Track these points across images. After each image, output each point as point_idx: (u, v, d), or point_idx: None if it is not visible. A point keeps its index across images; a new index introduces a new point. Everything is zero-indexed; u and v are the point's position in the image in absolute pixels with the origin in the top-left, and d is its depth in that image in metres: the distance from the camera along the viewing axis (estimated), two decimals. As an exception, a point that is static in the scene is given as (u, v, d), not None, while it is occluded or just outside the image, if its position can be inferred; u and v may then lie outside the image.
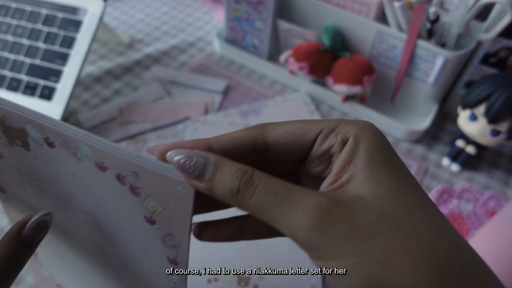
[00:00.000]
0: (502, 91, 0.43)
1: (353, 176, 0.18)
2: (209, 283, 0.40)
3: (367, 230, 0.16)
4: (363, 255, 0.15)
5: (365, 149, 0.18)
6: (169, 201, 0.19)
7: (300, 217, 0.16)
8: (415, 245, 0.15)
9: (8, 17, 0.52)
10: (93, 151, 0.20)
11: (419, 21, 0.48)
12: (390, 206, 0.16)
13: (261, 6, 0.58)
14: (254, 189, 0.17)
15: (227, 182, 0.17)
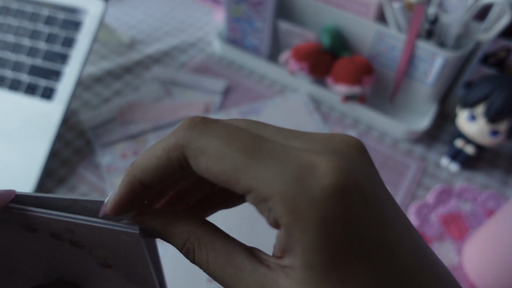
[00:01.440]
0: (501, 91, 0.43)
1: (291, 271, 0.14)
2: (209, 282, 0.40)
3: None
4: None
5: (302, 253, 0.14)
6: (118, 248, 0.18)
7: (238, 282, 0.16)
8: None
9: (10, 18, 0.52)
10: (15, 217, 0.18)
11: (418, 22, 0.48)
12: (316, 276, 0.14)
13: (261, 7, 0.58)
14: (200, 264, 0.17)
15: (178, 241, 0.17)
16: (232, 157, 0.14)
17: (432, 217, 0.47)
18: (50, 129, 0.48)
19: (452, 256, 0.43)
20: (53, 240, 0.19)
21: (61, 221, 0.18)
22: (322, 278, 0.13)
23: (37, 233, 0.19)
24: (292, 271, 0.14)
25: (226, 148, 0.15)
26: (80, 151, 0.52)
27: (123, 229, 0.17)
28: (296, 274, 0.14)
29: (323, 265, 0.13)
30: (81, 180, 0.49)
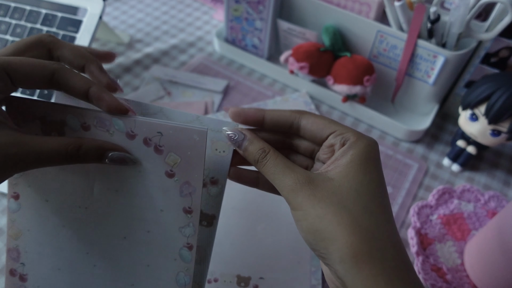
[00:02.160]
0: (502, 91, 0.43)
1: (335, 167, 0.25)
2: (209, 283, 0.40)
3: (320, 198, 0.24)
4: (312, 211, 0.24)
5: (352, 154, 0.25)
6: (186, 150, 0.26)
7: (285, 183, 0.25)
8: (349, 219, 0.23)
9: (7, 17, 0.52)
10: (125, 123, 0.26)
11: (420, 21, 0.48)
12: (344, 190, 0.24)
13: (261, 6, 0.58)
14: (266, 162, 0.26)
15: (252, 154, 0.27)
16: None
17: (433, 218, 0.46)
18: (48, 129, 0.47)
19: (453, 257, 0.43)
20: (143, 147, 0.26)
21: (156, 125, 0.26)
22: (354, 169, 0.25)
23: (134, 140, 0.26)
24: (337, 167, 0.25)
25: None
26: (79, 152, 0.52)
27: (197, 129, 0.26)
28: (341, 165, 0.25)
29: (360, 161, 0.25)
30: (80, 180, 0.49)
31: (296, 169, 0.26)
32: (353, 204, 0.24)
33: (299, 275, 0.41)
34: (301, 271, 0.41)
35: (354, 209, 0.23)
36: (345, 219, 0.23)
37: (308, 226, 0.24)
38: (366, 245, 0.22)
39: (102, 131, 0.26)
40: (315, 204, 0.24)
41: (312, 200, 0.24)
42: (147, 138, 0.26)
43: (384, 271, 0.22)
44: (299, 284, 0.40)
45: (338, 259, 0.22)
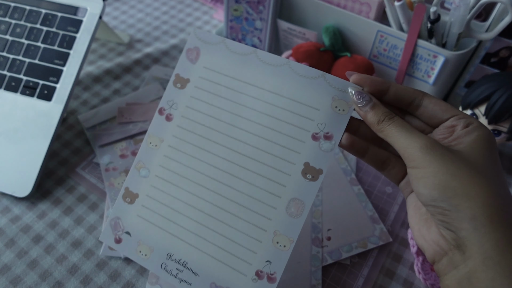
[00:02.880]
0: (503, 91, 0.43)
1: (459, 143, 0.27)
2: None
3: (453, 159, 0.25)
4: (444, 169, 0.24)
5: (477, 135, 0.26)
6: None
7: (414, 140, 0.26)
8: (484, 182, 0.24)
9: (7, 17, 0.52)
10: None
11: (420, 21, 0.48)
12: (475, 160, 0.25)
13: (261, 6, 0.58)
14: (391, 122, 0.27)
15: (377, 114, 0.28)
16: None
17: (433, 218, 0.46)
18: (48, 129, 0.47)
19: (454, 257, 0.43)
20: None
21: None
22: (479, 146, 0.26)
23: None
24: (463, 142, 0.27)
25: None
26: (78, 151, 0.52)
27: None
28: (467, 141, 0.26)
29: (483, 143, 0.27)
30: (80, 180, 0.49)
31: (423, 134, 0.27)
32: (485, 171, 0.25)
33: (299, 275, 0.41)
34: (301, 271, 0.41)
35: (487, 175, 0.24)
36: (482, 180, 0.24)
37: (437, 183, 0.24)
38: (501, 209, 0.23)
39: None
40: (448, 163, 0.24)
41: (445, 159, 0.25)
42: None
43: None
44: (299, 284, 0.40)
45: (470, 216, 0.23)
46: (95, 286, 0.41)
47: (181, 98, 0.37)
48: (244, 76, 0.35)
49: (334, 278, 0.41)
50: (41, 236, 0.44)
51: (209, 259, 0.34)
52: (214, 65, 0.36)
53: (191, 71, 0.37)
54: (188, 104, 0.37)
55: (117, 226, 0.37)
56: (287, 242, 0.33)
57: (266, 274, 0.33)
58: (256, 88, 0.35)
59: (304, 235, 0.44)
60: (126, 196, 0.37)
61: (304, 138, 0.32)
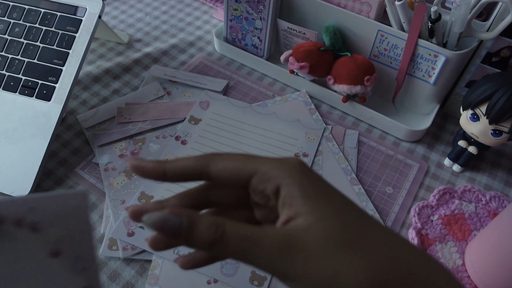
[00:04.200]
0: (504, 91, 0.43)
1: (298, 214, 0.20)
2: (208, 284, 0.40)
3: (319, 255, 0.19)
4: (316, 277, 0.18)
5: (299, 189, 0.21)
6: (67, 219, 0.21)
7: (268, 255, 0.19)
8: (362, 261, 0.19)
9: (5, 16, 0.52)
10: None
11: (421, 20, 0.47)
12: (335, 230, 0.19)
13: (261, 5, 0.58)
14: (229, 240, 0.19)
15: (203, 237, 0.19)
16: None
17: (434, 218, 0.46)
18: (47, 129, 0.47)
19: (454, 258, 0.43)
20: (13, 230, 0.21)
21: (26, 200, 0.21)
22: (318, 201, 0.20)
23: (3, 225, 0.21)
24: (299, 212, 0.20)
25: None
26: (78, 151, 0.52)
27: (73, 193, 0.21)
28: (302, 206, 0.20)
29: (313, 189, 0.21)
30: (79, 180, 0.49)
31: (268, 231, 0.20)
32: (357, 240, 0.19)
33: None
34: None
35: (365, 249, 0.19)
36: (361, 263, 0.19)
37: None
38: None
39: None
40: (321, 263, 0.19)
41: (314, 261, 0.19)
42: (19, 218, 0.21)
43: None
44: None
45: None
46: (94, 286, 0.40)
47: (194, 130, 0.52)
48: (243, 118, 0.54)
49: (335, 278, 0.41)
50: (40, 237, 0.44)
51: None
52: (220, 111, 0.54)
53: (202, 114, 0.54)
54: (200, 134, 0.52)
55: (131, 222, 0.43)
56: None
57: None
58: (252, 126, 0.53)
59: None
60: (142, 198, 0.46)
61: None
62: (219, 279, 0.40)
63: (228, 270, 0.40)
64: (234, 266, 0.41)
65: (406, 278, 0.19)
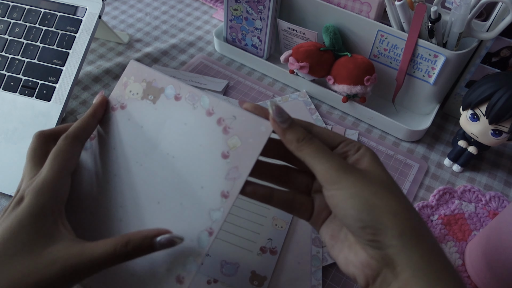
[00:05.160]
0: (503, 91, 0.43)
1: (360, 165, 0.28)
2: (208, 284, 0.40)
3: (371, 179, 0.26)
4: (367, 189, 0.25)
5: (370, 156, 0.28)
6: (249, 137, 0.28)
7: (333, 162, 0.26)
8: (401, 199, 0.25)
9: (6, 16, 0.52)
10: (210, 101, 0.30)
11: (421, 20, 0.47)
12: (385, 179, 0.26)
13: (261, 5, 0.58)
14: (311, 143, 0.27)
15: (297, 133, 0.27)
16: None
17: (434, 218, 0.46)
18: (47, 129, 0.47)
19: (454, 258, 0.43)
20: (215, 125, 0.30)
21: (234, 109, 0.29)
22: (376, 164, 0.28)
23: (211, 117, 0.30)
24: (362, 164, 0.28)
25: None
26: (78, 152, 0.52)
27: (266, 121, 0.28)
28: (365, 162, 0.28)
29: (376, 160, 0.28)
30: (79, 180, 0.49)
31: (337, 156, 0.27)
32: (396, 189, 0.26)
33: (299, 276, 0.41)
34: (301, 271, 0.41)
35: (398, 192, 0.26)
36: (398, 198, 0.25)
37: (363, 202, 0.25)
38: (418, 221, 0.25)
39: (188, 103, 0.31)
40: (369, 183, 0.25)
41: (365, 180, 0.25)
42: (221, 119, 0.29)
43: (434, 244, 0.24)
44: (299, 284, 0.40)
45: (399, 232, 0.24)
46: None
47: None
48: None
49: (335, 278, 0.41)
50: (40, 237, 0.44)
51: (219, 242, 0.42)
52: None
53: None
54: None
55: None
56: (284, 224, 0.44)
57: (269, 248, 0.42)
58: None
59: (304, 235, 0.43)
60: None
61: None
62: (219, 279, 0.40)
63: (228, 270, 0.41)
64: (234, 266, 0.41)
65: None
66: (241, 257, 0.41)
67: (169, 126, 0.32)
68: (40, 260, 0.25)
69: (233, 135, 0.29)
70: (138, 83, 0.34)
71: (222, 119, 0.29)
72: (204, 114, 0.30)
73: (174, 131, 0.31)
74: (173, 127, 0.31)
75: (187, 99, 0.31)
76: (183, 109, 0.31)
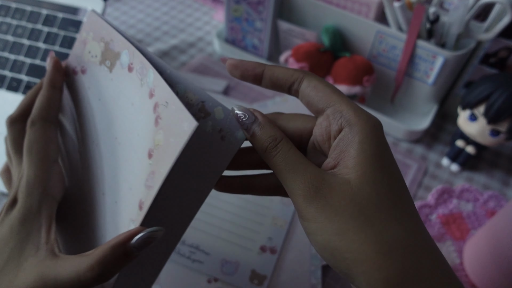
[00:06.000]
0: (501, 91, 0.43)
1: (345, 162, 0.21)
2: (209, 283, 0.40)
3: (338, 209, 0.20)
4: (329, 227, 0.20)
5: (360, 141, 0.21)
6: (171, 135, 0.22)
7: (297, 186, 0.21)
8: (374, 236, 0.19)
9: (8, 17, 0.52)
10: (154, 78, 0.23)
11: (419, 21, 0.48)
12: (364, 195, 0.20)
13: (261, 6, 0.58)
14: (275, 153, 0.23)
15: (261, 140, 0.23)
16: None
17: (433, 217, 0.46)
18: (49, 129, 0.48)
19: (452, 257, 0.43)
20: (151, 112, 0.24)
21: (168, 94, 0.22)
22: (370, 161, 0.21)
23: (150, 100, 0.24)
24: (348, 161, 0.21)
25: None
26: (79, 151, 0.52)
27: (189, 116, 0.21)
28: (352, 158, 0.21)
29: (373, 150, 0.21)
30: (80, 180, 0.49)
31: (309, 168, 0.22)
32: (377, 212, 0.20)
33: (299, 274, 0.41)
34: (301, 270, 0.41)
35: (378, 220, 0.20)
36: (370, 235, 0.19)
37: (324, 243, 0.20)
38: (398, 265, 0.19)
39: (137, 78, 0.25)
40: (332, 217, 0.20)
41: (328, 212, 0.20)
42: (157, 104, 0.23)
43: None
44: (299, 283, 0.40)
45: (365, 283, 0.19)
46: (96, 285, 0.41)
47: None
48: None
49: (334, 277, 0.42)
50: (42, 236, 0.44)
51: (220, 241, 0.42)
52: None
53: None
54: None
55: None
56: (283, 223, 0.44)
57: (269, 247, 0.42)
58: None
59: (304, 234, 0.44)
60: None
61: None
62: (219, 277, 0.40)
63: (228, 269, 0.41)
64: (234, 265, 0.41)
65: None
66: (241, 256, 0.42)
67: (121, 104, 0.27)
68: (20, 274, 0.23)
69: (160, 129, 0.22)
70: (97, 42, 0.29)
71: (157, 104, 0.23)
72: (146, 94, 0.24)
73: (124, 111, 0.26)
74: (124, 106, 0.26)
75: (137, 72, 0.25)
76: (133, 84, 0.26)
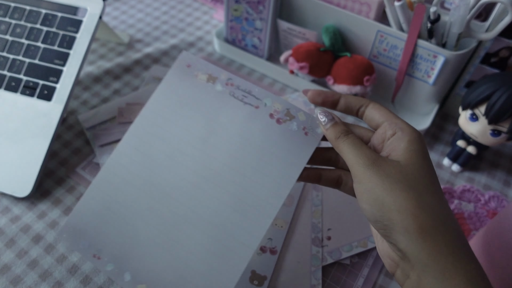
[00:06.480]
0: (502, 91, 0.43)
1: (396, 152, 0.28)
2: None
3: (389, 174, 0.27)
4: (380, 185, 0.26)
5: (408, 140, 0.28)
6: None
7: (360, 157, 0.28)
8: (415, 195, 0.26)
9: (7, 17, 0.52)
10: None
11: (420, 21, 0.48)
12: (409, 171, 0.27)
13: (261, 6, 0.58)
14: (345, 139, 0.30)
15: (336, 131, 0.31)
16: None
17: (433, 218, 0.46)
18: (48, 129, 0.47)
19: (454, 257, 0.43)
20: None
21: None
22: (413, 154, 0.28)
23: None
24: (398, 152, 0.28)
25: None
26: (78, 152, 0.52)
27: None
28: (401, 150, 0.28)
29: (415, 148, 0.28)
30: (79, 180, 0.49)
31: (368, 150, 0.29)
32: (417, 183, 0.26)
33: (299, 275, 0.41)
34: (301, 271, 0.41)
35: (418, 188, 0.26)
36: (412, 194, 0.25)
37: (375, 198, 0.26)
38: (430, 218, 0.25)
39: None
40: (384, 178, 0.26)
41: (381, 175, 0.27)
42: (280, 119, 0.34)
43: (447, 242, 0.24)
44: (299, 284, 0.40)
45: (403, 229, 0.25)
46: (95, 286, 0.41)
47: None
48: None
49: (334, 278, 0.41)
50: (41, 236, 0.44)
51: None
52: None
53: None
54: None
55: None
56: (284, 223, 0.44)
57: (269, 248, 0.42)
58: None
59: (304, 235, 0.44)
60: None
61: None
62: (219, 278, 0.40)
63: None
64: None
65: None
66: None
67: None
68: None
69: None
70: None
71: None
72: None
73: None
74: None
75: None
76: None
